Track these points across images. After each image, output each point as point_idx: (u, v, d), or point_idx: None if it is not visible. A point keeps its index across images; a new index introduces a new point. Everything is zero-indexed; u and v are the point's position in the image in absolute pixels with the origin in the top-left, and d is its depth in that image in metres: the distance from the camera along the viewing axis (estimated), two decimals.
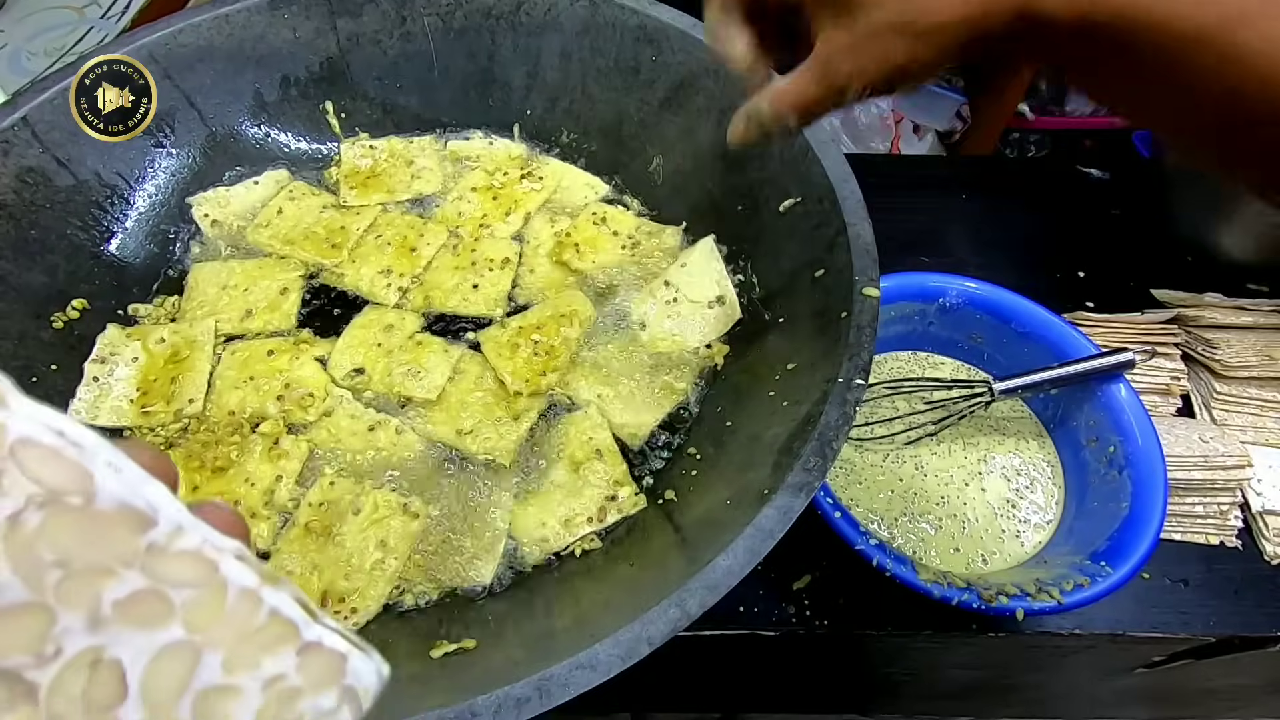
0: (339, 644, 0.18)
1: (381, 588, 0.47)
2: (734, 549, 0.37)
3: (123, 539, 0.16)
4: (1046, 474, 0.60)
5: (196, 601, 0.17)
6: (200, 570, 0.17)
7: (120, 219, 0.61)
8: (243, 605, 0.17)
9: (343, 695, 0.18)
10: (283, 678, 0.17)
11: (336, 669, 0.18)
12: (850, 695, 0.74)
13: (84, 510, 0.16)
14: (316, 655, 0.18)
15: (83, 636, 0.16)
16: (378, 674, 0.19)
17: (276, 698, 0.17)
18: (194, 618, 0.17)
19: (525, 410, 0.55)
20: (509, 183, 0.68)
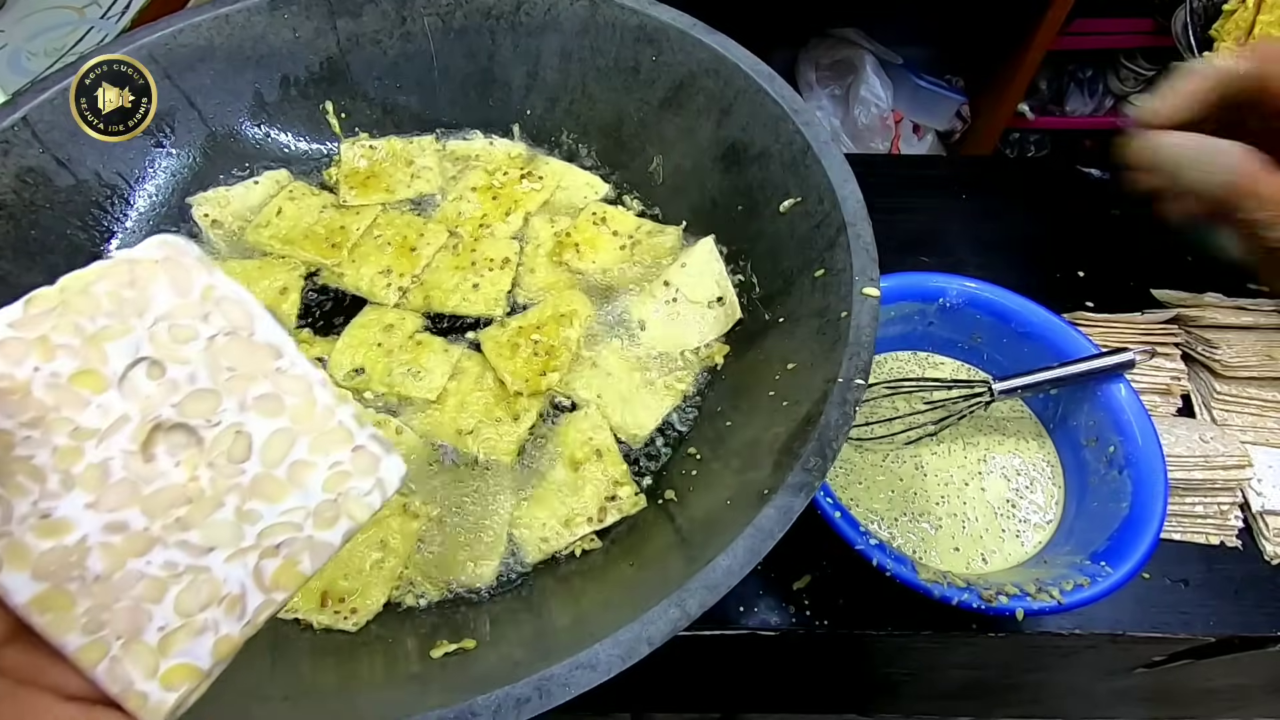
0: (377, 449, 0.26)
1: (381, 588, 0.47)
2: (734, 549, 0.37)
3: (264, 361, 0.26)
4: (1046, 474, 0.60)
5: (299, 406, 0.26)
6: (303, 388, 0.26)
7: (120, 219, 0.61)
8: (324, 414, 0.26)
9: (375, 483, 0.26)
10: (340, 464, 0.26)
11: (374, 464, 0.26)
12: (850, 695, 0.74)
13: (247, 340, 0.26)
14: (362, 454, 0.26)
15: (234, 414, 0.25)
16: (398, 472, 0.27)
17: (335, 475, 0.26)
18: (296, 415, 0.26)
19: (525, 410, 0.55)
20: (509, 183, 0.68)
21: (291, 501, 0.25)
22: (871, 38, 1.44)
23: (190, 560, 0.24)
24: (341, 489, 0.25)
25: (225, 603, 0.24)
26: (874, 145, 1.45)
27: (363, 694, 0.41)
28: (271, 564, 0.24)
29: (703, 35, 0.62)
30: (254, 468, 0.25)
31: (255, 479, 0.25)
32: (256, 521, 0.25)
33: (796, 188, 0.55)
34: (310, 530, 0.25)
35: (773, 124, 0.57)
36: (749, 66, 0.59)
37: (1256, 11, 0.76)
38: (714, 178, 0.63)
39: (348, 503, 0.25)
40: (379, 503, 0.26)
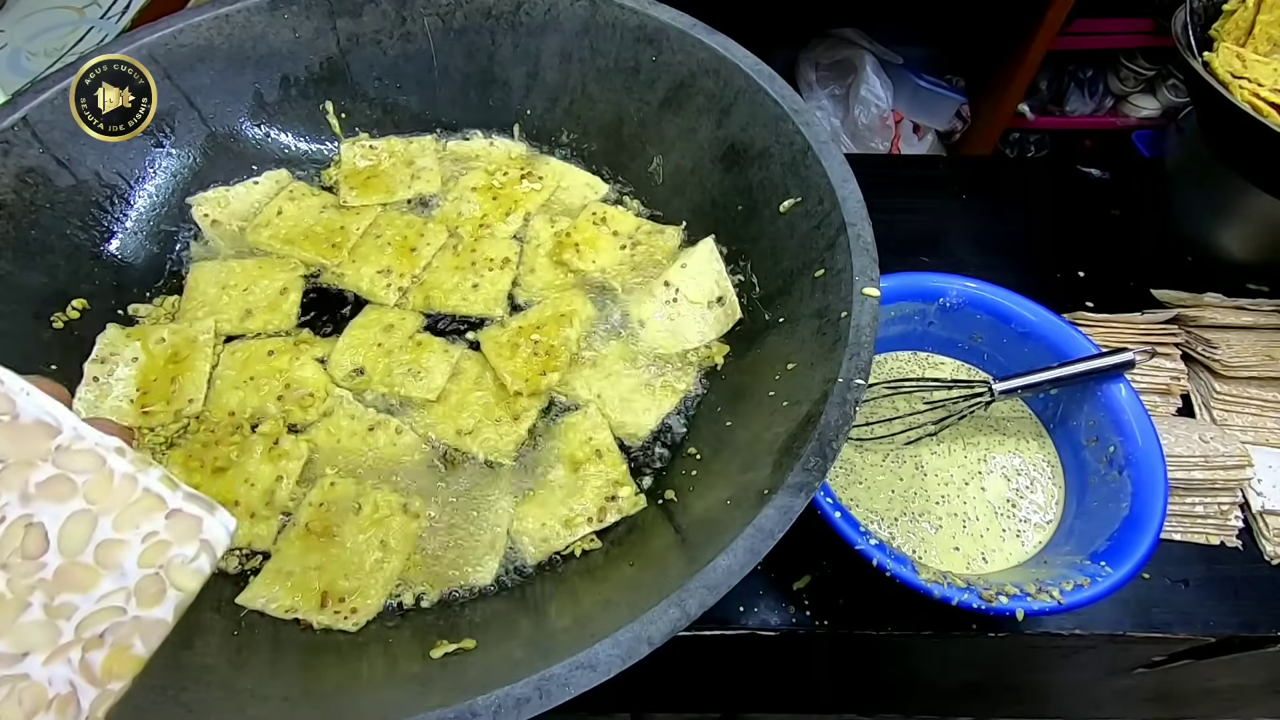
0: (196, 510, 0.25)
1: (381, 587, 0.47)
2: (734, 549, 0.37)
3: (38, 443, 0.24)
4: (1046, 474, 0.60)
5: (92, 482, 0.24)
6: (93, 462, 0.24)
7: (120, 219, 0.61)
8: (124, 485, 0.24)
9: (201, 547, 0.25)
10: (156, 534, 0.24)
11: (195, 528, 0.25)
12: (850, 695, 0.74)
13: (11, 424, 0.23)
14: (179, 518, 0.24)
15: (18, 508, 0.23)
16: (226, 530, 0.25)
17: (153, 547, 0.24)
18: (91, 493, 0.24)
19: (525, 410, 0.55)
20: (509, 183, 0.68)
21: (106, 585, 0.23)
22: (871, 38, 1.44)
23: (3, 671, 0.22)
24: (162, 560, 0.24)
25: (55, 706, 0.22)
26: (874, 145, 1.45)
27: (363, 694, 0.41)
28: (98, 655, 0.23)
29: (703, 35, 0.62)
30: (54, 559, 0.23)
31: (59, 571, 0.23)
32: (71, 615, 0.23)
33: (796, 188, 0.55)
34: (135, 610, 0.23)
35: (773, 124, 0.57)
36: (749, 66, 0.59)
37: (1256, 11, 0.76)
38: (714, 178, 0.63)
39: (172, 573, 0.24)
40: (209, 566, 0.24)
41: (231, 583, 0.48)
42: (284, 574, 0.47)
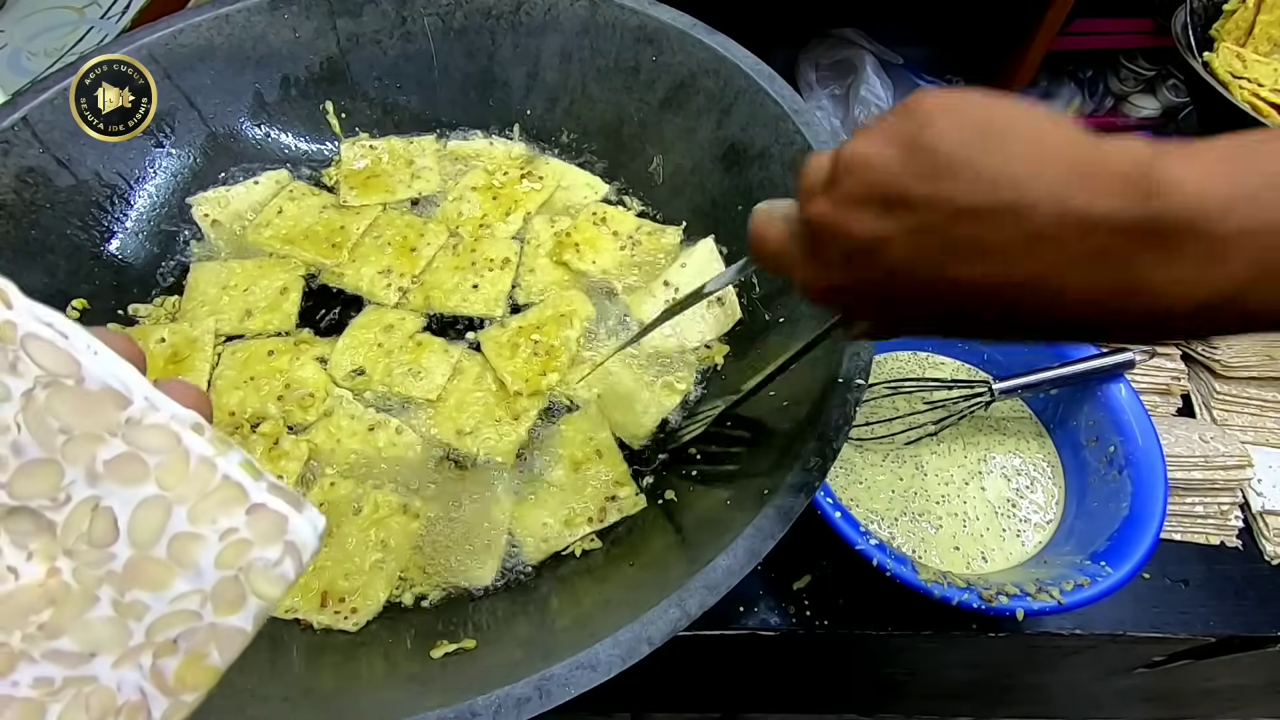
0: (282, 506, 0.21)
1: (382, 587, 0.47)
2: (734, 549, 0.37)
3: (107, 413, 0.20)
4: (1046, 474, 0.60)
5: (165, 465, 0.21)
6: (167, 440, 0.21)
7: (120, 219, 0.61)
8: (201, 470, 0.21)
9: (286, 549, 0.21)
10: (235, 531, 0.21)
11: (280, 527, 0.21)
12: (850, 695, 0.74)
13: (76, 389, 0.20)
14: (262, 515, 0.21)
15: (84, 487, 0.20)
16: (314, 530, 0.22)
17: (231, 547, 0.21)
18: (164, 478, 0.21)
19: (525, 410, 0.55)
20: (509, 183, 0.68)
21: (181, 585, 0.21)
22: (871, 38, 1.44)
23: (68, 672, 0.20)
24: (242, 562, 0.21)
25: (124, 713, 0.20)
26: None
27: (363, 694, 0.41)
28: (171, 662, 0.21)
29: (703, 35, 0.62)
30: (124, 550, 0.20)
31: (130, 564, 0.20)
32: (143, 615, 0.20)
33: (796, 187, 0.55)
34: (212, 617, 0.21)
35: (773, 124, 0.57)
36: (749, 66, 0.59)
37: (1256, 11, 0.76)
38: (714, 178, 0.63)
39: (253, 579, 0.21)
40: (294, 573, 0.22)
41: None
42: None
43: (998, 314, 0.26)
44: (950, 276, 0.26)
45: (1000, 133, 0.25)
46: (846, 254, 0.28)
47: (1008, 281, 0.25)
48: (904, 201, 0.26)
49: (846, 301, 0.31)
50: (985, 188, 0.24)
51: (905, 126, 0.26)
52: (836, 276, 0.30)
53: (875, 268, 0.28)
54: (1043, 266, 0.24)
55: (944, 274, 0.26)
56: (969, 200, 0.24)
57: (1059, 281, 0.24)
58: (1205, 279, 0.22)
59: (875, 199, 0.27)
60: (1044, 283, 0.24)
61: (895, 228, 0.26)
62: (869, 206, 0.27)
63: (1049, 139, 0.24)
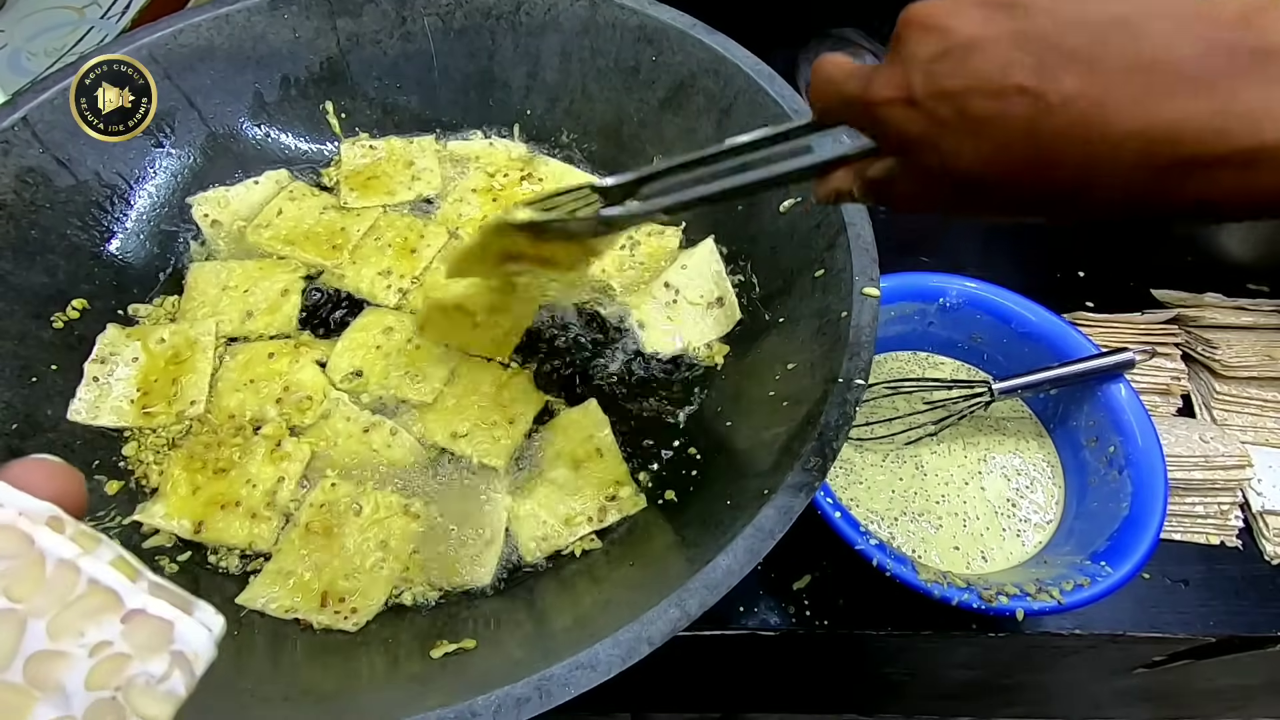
0: (165, 610, 0.19)
1: (382, 588, 0.47)
2: (734, 549, 0.37)
3: None
4: (1046, 474, 0.60)
5: (15, 572, 0.18)
6: (16, 543, 0.18)
7: (120, 219, 0.61)
8: (61, 575, 0.18)
9: (173, 661, 0.18)
10: (109, 644, 0.18)
11: (163, 635, 0.18)
12: (850, 695, 0.74)
13: None
14: (141, 622, 0.18)
15: None
16: (209, 636, 0.19)
17: (105, 663, 0.18)
18: (14, 587, 0.17)
19: (521, 415, 0.55)
20: (509, 184, 0.68)
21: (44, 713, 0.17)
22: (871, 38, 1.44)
23: None
24: (119, 680, 0.18)
25: None
26: None
27: (363, 694, 0.41)
28: None
29: (703, 35, 0.62)
30: None
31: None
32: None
33: (796, 188, 0.55)
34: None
35: (772, 124, 0.57)
36: (749, 66, 0.59)
37: None
38: None
39: (135, 699, 0.18)
40: (185, 688, 0.19)
41: (232, 583, 0.48)
42: (284, 574, 0.47)
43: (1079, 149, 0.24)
44: (1045, 90, 0.24)
45: None
46: (939, 53, 0.26)
47: (1108, 101, 0.23)
48: (1020, 4, 0.25)
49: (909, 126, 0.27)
50: (1109, 3, 0.24)
51: None
52: (916, 82, 0.27)
53: (964, 74, 0.25)
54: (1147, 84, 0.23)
55: (1042, 85, 0.24)
56: (1089, 11, 0.24)
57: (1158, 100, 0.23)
58: None
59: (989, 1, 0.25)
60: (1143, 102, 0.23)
61: (1002, 29, 0.25)
62: (980, 6, 0.26)
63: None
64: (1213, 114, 0.22)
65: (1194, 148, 0.23)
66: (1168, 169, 0.23)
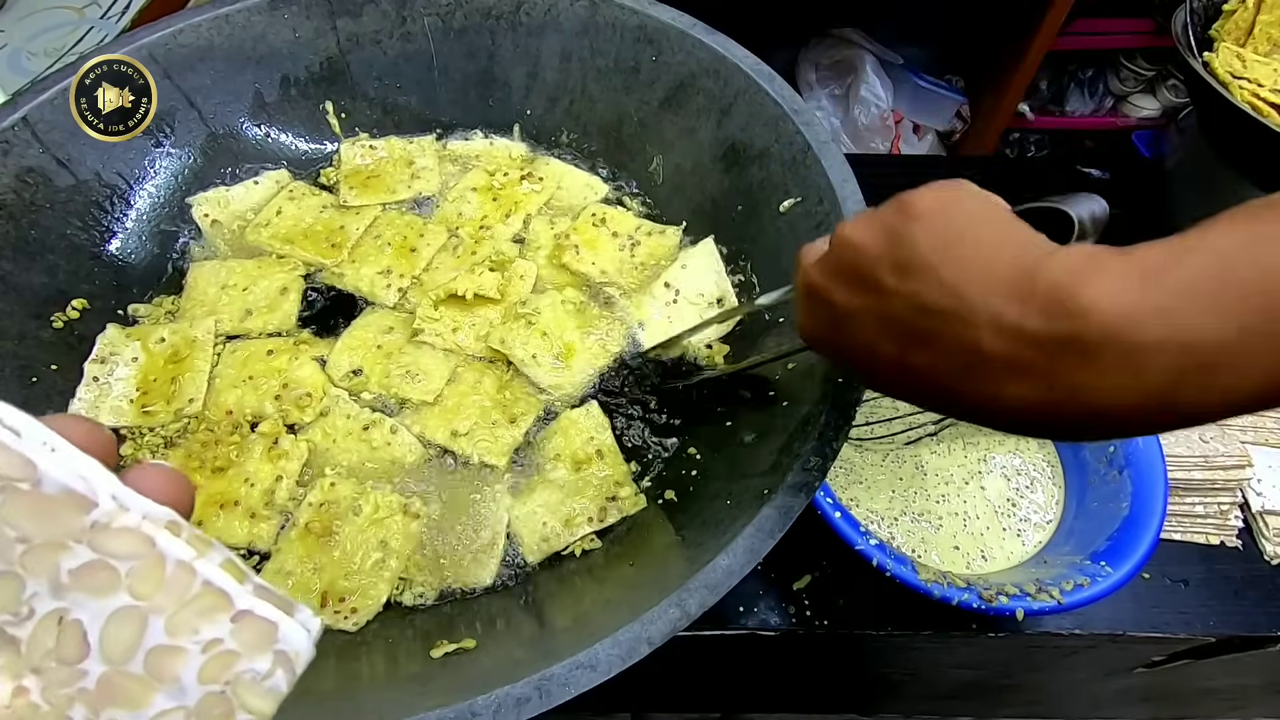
0: (270, 612, 0.20)
1: (382, 588, 0.47)
2: (734, 549, 0.37)
3: (69, 518, 0.19)
4: (1046, 474, 0.60)
5: (139, 572, 0.19)
6: (139, 545, 0.19)
7: (120, 219, 0.61)
8: (179, 576, 0.19)
9: (276, 659, 0.20)
10: (220, 642, 0.19)
11: (268, 635, 0.19)
12: (850, 695, 0.74)
13: (33, 494, 0.18)
14: (249, 622, 0.19)
15: (49, 600, 0.18)
16: (308, 636, 0.20)
17: (216, 659, 0.19)
18: (138, 586, 0.19)
19: (523, 414, 0.55)
20: (509, 184, 0.68)
21: (162, 703, 0.19)
22: (871, 38, 1.44)
23: None
24: (229, 676, 0.19)
25: None
26: (874, 145, 1.44)
27: (363, 694, 0.41)
28: None
29: (703, 35, 0.62)
30: (97, 666, 0.19)
31: (103, 681, 0.19)
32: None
33: (796, 188, 0.55)
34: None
35: (773, 124, 0.57)
36: (749, 66, 0.59)
37: (1256, 11, 0.76)
38: (714, 178, 0.63)
39: (242, 693, 0.19)
40: (286, 685, 0.20)
41: None
42: (284, 574, 0.47)
43: (945, 399, 0.30)
44: (907, 360, 0.30)
45: (962, 243, 0.28)
46: (828, 316, 0.33)
47: (952, 374, 0.28)
48: (877, 287, 0.30)
49: (826, 353, 0.37)
50: (942, 293, 0.28)
51: (894, 220, 0.30)
52: (821, 331, 0.34)
53: (850, 335, 0.32)
54: (982, 368, 0.27)
55: (903, 356, 0.30)
56: (928, 301, 0.28)
57: (996, 384, 0.27)
58: (1130, 385, 0.24)
59: (854, 277, 0.31)
60: (983, 383, 0.27)
61: (867, 306, 0.30)
62: (850, 283, 0.31)
63: (1001, 255, 0.27)
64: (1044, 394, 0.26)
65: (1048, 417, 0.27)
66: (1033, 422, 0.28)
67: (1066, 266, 0.25)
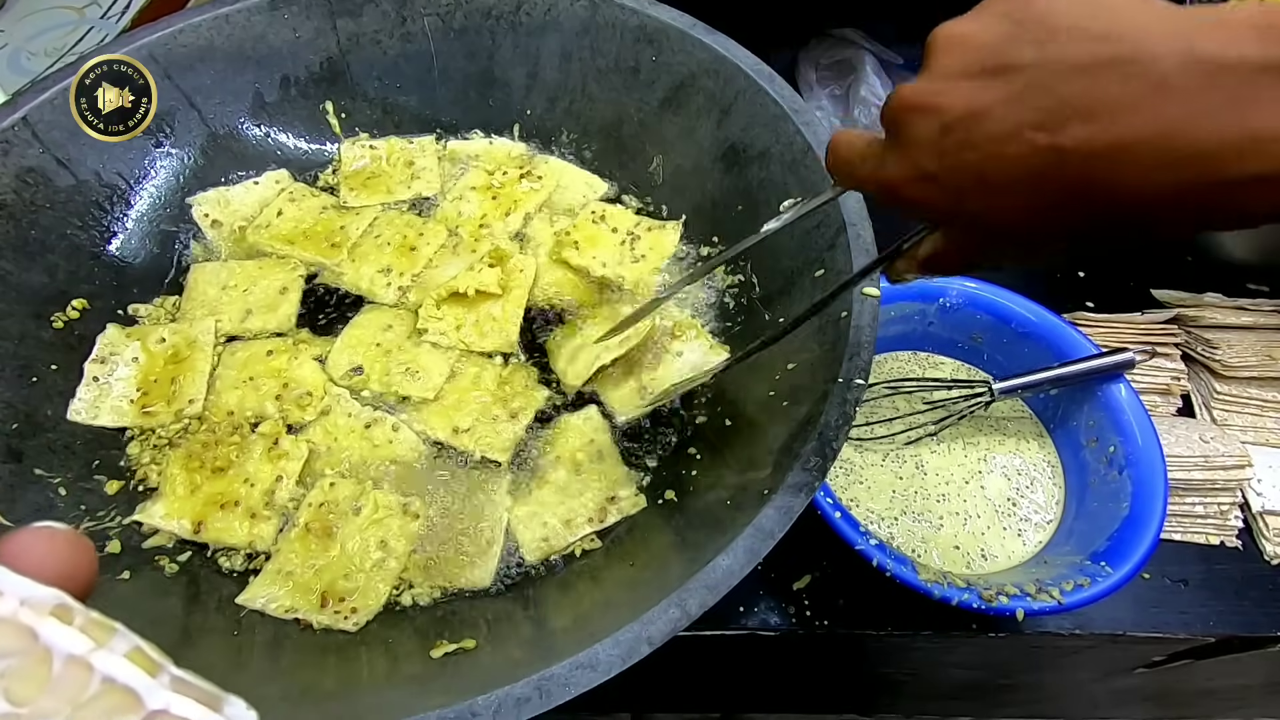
0: (191, 710, 0.16)
1: (382, 588, 0.47)
2: (734, 549, 0.37)
3: None
4: (1047, 474, 0.60)
5: (18, 672, 0.15)
6: (18, 638, 0.15)
7: (120, 219, 0.61)
8: (71, 673, 0.16)
9: None
10: None
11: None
12: (850, 695, 0.74)
13: None
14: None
15: None
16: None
17: None
18: (17, 689, 0.15)
19: (523, 409, 0.55)
20: (508, 182, 0.68)
21: None
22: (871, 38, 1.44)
23: None
24: None
25: None
26: None
27: (363, 694, 0.41)
28: None
29: (703, 35, 0.62)
30: None
31: None
32: None
33: (796, 188, 0.55)
34: None
35: (773, 124, 0.57)
36: (749, 66, 0.59)
37: None
38: (714, 178, 0.63)
39: None
40: None
41: (232, 583, 0.48)
42: (284, 574, 0.47)
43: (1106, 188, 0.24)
44: (1059, 142, 0.24)
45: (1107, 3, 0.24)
46: (940, 130, 0.26)
47: (1124, 140, 0.23)
48: (1009, 67, 0.24)
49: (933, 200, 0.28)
50: (1102, 45, 0.23)
51: (1005, 4, 0.25)
52: (926, 162, 0.27)
53: (973, 145, 0.25)
54: (1167, 118, 0.22)
55: (1054, 139, 0.24)
56: (1084, 56, 0.23)
57: (1186, 133, 0.22)
58: None
59: (975, 70, 0.25)
60: (1167, 137, 0.22)
61: (998, 95, 0.25)
62: (967, 78, 0.25)
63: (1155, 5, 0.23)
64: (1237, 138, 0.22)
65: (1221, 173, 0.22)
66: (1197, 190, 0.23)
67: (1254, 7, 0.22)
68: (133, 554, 0.48)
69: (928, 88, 0.26)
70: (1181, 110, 0.22)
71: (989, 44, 0.25)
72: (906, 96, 0.27)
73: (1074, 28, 0.24)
